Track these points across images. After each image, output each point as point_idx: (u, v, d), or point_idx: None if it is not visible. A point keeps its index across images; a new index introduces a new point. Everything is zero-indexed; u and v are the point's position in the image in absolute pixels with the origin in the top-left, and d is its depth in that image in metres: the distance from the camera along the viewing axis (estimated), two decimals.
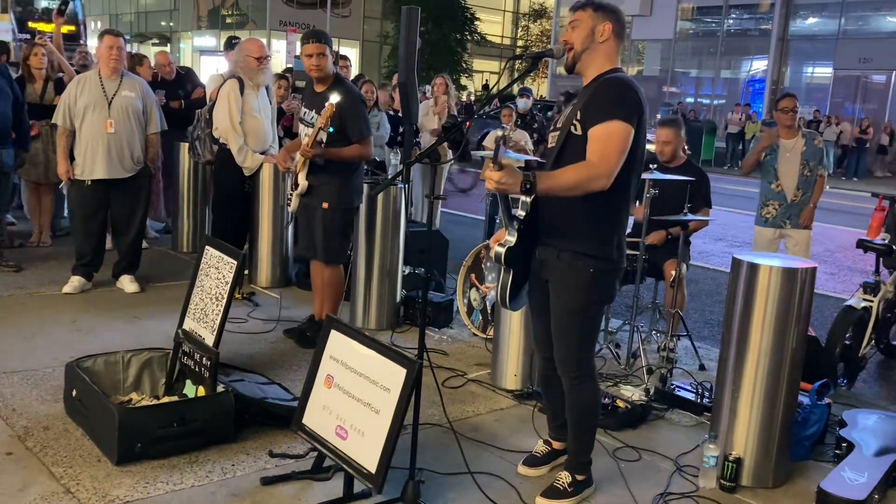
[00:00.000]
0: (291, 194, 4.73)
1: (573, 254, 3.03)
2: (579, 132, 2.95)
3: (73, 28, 24.47)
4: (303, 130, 4.73)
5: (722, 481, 3.42)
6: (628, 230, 4.19)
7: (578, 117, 2.97)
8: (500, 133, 2.76)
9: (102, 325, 4.98)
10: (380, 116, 7.94)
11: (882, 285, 5.13)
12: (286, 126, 7.34)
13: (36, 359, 4.35)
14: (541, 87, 34.21)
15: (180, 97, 7.55)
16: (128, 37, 6.44)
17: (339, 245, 4.81)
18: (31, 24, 22.64)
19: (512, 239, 2.96)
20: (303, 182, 4.63)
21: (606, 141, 2.85)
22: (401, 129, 7.94)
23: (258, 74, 5.54)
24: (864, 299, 5.06)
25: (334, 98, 4.39)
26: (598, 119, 2.88)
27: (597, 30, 2.99)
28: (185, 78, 7.85)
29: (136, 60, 7.24)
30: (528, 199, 2.91)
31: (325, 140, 4.52)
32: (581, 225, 3.00)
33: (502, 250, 2.96)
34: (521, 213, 2.96)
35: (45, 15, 26.22)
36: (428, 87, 9.63)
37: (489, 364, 4.61)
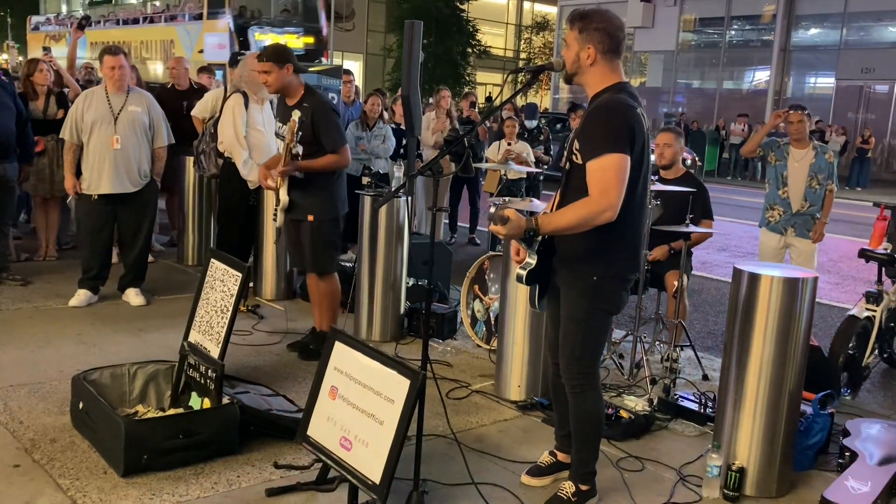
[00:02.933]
0: (276, 210, 4.76)
1: (578, 264, 3.09)
2: (580, 161, 3.00)
3: (310, 40, 17.97)
4: (280, 145, 4.78)
5: (725, 491, 3.43)
6: None
7: (577, 146, 3.02)
8: (493, 209, 2.90)
9: (108, 338, 5.01)
10: (385, 129, 7.99)
11: (885, 295, 5.13)
12: None
13: (42, 372, 4.38)
14: (544, 99, 34.31)
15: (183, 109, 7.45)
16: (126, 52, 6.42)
17: (328, 256, 4.83)
18: (258, 36, 16.45)
19: (532, 261, 3.09)
20: (284, 198, 4.66)
21: (603, 175, 2.89)
22: (403, 142, 7.99)
23: (262, 89, 5.58)
24: (867, 309, 5.06)
25: (296, 114, 4.47)
26: (592, 154, 2.92)
27: (581, 55, 3.01)
28: (194, 93, 7.77)
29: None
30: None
31: (300, 153, 4.57)
32: (583, 246, 3.05)
33: (523, 273, 3.09)
34: (539, 236, 3.03)
35: (273, 23, 17.71)
36: (431, 100, 9.70)
37: (493, 375, 4.62)
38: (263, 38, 16.02)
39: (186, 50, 18.23)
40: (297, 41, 16.81)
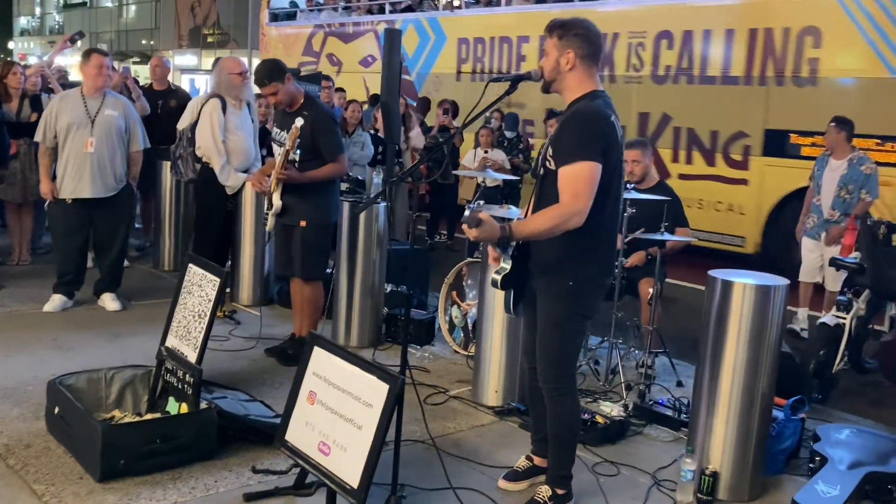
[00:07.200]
0: (267, 214, 4.78)
1: (555, 269, 3.12)
2: (553, 167, 3.06)
3: None
4: (276, 150, 4.80)
5: (699, 495, 3.48)
6: None
7: (551, 153, 3.08)
8: (468, 212, 3.00)
9: (84, 343, 4.97)
10: (364, 137, 8.02)
11: (854, 303, 5.22)
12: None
13: (17, 377, 4.34)
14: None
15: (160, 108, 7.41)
16: (109, 55, 6.29)
17: (317, 262, 4.87)
18: None
19: (507, 266, 3.11)
20: (277, 202, 4.69)
21: (574, 182, 2.96)
22: (380, 149, 8.01)
23: (242, 89, 5.61)
24: (837, 316, 5.15)
25: (299, 121, 4.49)
26: (565, 161, 2.99)
27: (561, 60, 3.07)
28: (171, 94, 7.73)
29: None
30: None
31: (297, 159, 4.60)
32: (559, 251, 3.09)
33: (498, 277, 3.12)
34: (513, 241, 3.06)
35: None
36: None
37: (470, 381, 4.65)
38: None
39: None
40: None
